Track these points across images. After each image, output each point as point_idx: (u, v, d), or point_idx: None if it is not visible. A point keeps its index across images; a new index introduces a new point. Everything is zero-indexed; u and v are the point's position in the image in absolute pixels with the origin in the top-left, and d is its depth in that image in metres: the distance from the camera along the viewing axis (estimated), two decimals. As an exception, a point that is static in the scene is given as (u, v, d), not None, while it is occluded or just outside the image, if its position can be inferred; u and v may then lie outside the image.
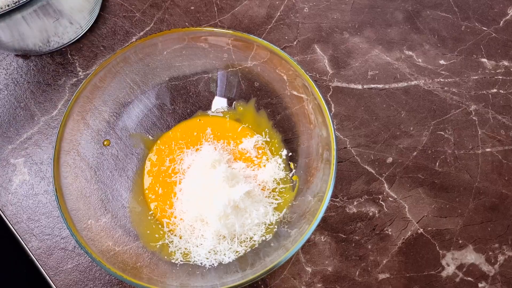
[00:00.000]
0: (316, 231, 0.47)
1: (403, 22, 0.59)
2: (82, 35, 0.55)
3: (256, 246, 0.42)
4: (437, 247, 0.47)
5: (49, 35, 0.52)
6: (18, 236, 0.45)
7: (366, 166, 0.50)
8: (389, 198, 0.48)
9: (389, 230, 0.47)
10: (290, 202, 0.44)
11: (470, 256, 0.47)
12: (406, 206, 0.48)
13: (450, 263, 0.46)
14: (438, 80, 0.55)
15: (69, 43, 0.55)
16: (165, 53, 0.47)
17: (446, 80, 0.55)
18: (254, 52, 0.46)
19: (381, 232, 0.47)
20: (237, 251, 0.41)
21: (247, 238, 0.42)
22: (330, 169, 0.39)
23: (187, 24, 0.57)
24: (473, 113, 0.54)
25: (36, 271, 0.44)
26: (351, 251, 0.46)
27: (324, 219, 0.47)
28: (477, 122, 0.53)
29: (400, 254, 0.46)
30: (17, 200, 0.47)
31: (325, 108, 0.41)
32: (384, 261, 0.46)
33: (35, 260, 0.45)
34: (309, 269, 0.45)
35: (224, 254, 0.41)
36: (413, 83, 0.55)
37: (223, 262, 0.41)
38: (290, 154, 0.47)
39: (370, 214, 0.48)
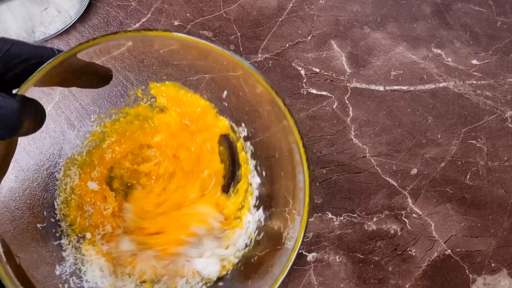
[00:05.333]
0: (330, 250, 0.47)
1: (431, 16, 0.59)
2: (70, 25, 0.56)
3: None
4: (467, 270, 0.47)
5: (34, 25, 0.52)
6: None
7: (387, 178, 0.50)
8: (413, 215, 0.49)
9: (413, 250, 0.47)
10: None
11: (504, 282, 0.47)
12: (432, 224, 0.49)
13: (481, 289, 0.46)
14: (470, 82, 0.56)
15: (56, 34, 0.55)
16: (161, 52, 0.47)
17: (479, 83, 0.56)
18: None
19: (403, 253, 0.47)
20: None
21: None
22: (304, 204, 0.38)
23: (188, 15, 0.58)
24: (509, 120, 0.54)
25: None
26: (370, 273, 0.46)
27: (339, 237, 0.48)
28: (513, 130, 0.54)
29: (425, 277, 0.46)
30: (6, 209, 0.48)
31: (298, 134, 0.39)
32: (407, 286, 0.46)
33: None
34: (322, 293, 0.45)
35: None
36: (441, 85, 0.55)
37: None
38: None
39: (392, 232, 0.48)
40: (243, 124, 0.47)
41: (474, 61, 0.57)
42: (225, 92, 0.46)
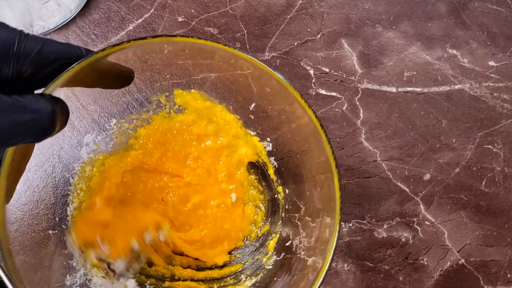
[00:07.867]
0: (338, 258, 0.48)
1: (446, 15, 0.59)
2: (70, 20, 0.56)
3: None
4: (481, 281, 0.47)
5: (33, 19, 0.53)
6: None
7: (399, 183, 0.50)
8: (426, 222, 0.49)
9: (425, 259, 0.47)
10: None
11: (520, 294, 0.47)
12: (446, 232, 0.49)
13: (496, 301, 0.47)
14: (487, 84, 0.56)
15: (55, 28, 0.56)
16: (165, 51, 0.48)
17: (496, 85, 0.56)
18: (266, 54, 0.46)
19: (415, 262, 0.47)
20: None
21: None
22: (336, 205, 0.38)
23: (192, 11, 0.58)
24: (527, 125, 0.54)
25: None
26: (379, 282, 0.46)
27: (348, 245, 0.48)
28: (531, 135, 0.54)
29: (437, 288, 0.47)
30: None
31: (323, 133, 0.39)
32: (418, 296, 0.46)
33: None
34: (329, 303, 0.46)
35: None
36: (457, 87, 0.55)
37: None
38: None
39: (403, 240, 0.48)
40: (268, 139, 0.47)
41: (491, 63, 0.57)
42: (253, 104, 0.47)
